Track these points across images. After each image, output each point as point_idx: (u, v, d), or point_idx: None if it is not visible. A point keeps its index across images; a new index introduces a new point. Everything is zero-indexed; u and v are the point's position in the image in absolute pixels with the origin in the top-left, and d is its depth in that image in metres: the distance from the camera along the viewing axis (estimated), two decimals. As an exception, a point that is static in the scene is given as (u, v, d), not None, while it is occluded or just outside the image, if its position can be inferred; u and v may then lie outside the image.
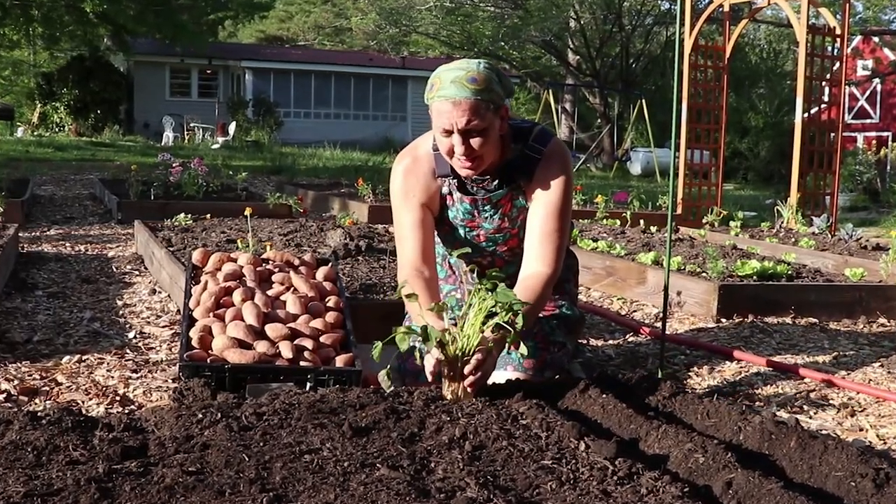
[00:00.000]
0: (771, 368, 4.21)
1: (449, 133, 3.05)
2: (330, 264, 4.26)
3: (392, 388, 2.81)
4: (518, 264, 3.37)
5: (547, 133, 3.32)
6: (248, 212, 5.45)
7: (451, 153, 3.10)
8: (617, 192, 12.13)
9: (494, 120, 3.07)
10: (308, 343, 3.40)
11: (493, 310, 2.65)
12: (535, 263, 3.16)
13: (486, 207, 3.32)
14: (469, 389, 2.64)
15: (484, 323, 2.65)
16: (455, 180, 3.30)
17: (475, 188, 3.31)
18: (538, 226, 3.20)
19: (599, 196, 10.42)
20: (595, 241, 7.14)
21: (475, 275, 3.41)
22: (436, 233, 3.43)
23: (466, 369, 2.64)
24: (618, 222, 9.24)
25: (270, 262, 4.16)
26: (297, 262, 4.20)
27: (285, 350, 3.33)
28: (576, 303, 3.70)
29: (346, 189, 12.51)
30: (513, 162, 3.25)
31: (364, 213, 9.88)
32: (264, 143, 27.64)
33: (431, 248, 3.28)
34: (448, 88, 3.01)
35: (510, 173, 3.26)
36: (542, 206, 3.21)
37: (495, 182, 3.28)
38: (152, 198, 9.55)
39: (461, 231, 3.40)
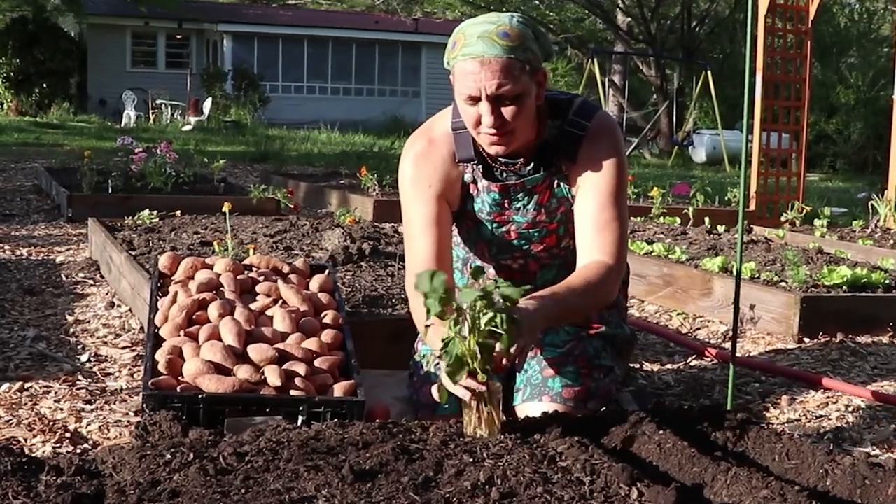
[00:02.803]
0: (865, 399, 4.19)
1: (475, 100, 3.02)
2: (326, 272, 4.27)
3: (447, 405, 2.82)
4: (557, 268, 3.36)
5: (590, 105, 3.31)
6: (226, 208, 5.46)
7: (476, 125, 3.07)
8: (677, 184, 12.10)
9: (530, 85, 3.05)
10: (300, 368, 3.41)
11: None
12: (595, 253, 3.16)
13: (518, 196, 3.30)
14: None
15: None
16: (480, 166, 3.27)
17: (505, 173, 3.29)
18: (591, 216, 3.19)
19: (655, 188, 10.38)
20: (650, 243, 7.13)
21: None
22: (455, 230, 3.42)
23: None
24: (678, 220, 9.21)
25: (254, 268, 4.17)
26: (286, 268, 4.21)
27: (272, 376, 3.33)
28: (625, 319, 3.70)
29: (347, 180, 12.54)
30: (550, 141, 3.24)
31: (368, 209, 9.91)
32: (246, 123, 27.71)
33: (447, 250, 3.27)
34: (475, 45, 2.98)
35: (548, 155, 3.25)
36: (592, 193, 3.20)
37: (530, 166, 3.27)
38: (110, 191, 9.58)
39: (487, 226, 3.38)
